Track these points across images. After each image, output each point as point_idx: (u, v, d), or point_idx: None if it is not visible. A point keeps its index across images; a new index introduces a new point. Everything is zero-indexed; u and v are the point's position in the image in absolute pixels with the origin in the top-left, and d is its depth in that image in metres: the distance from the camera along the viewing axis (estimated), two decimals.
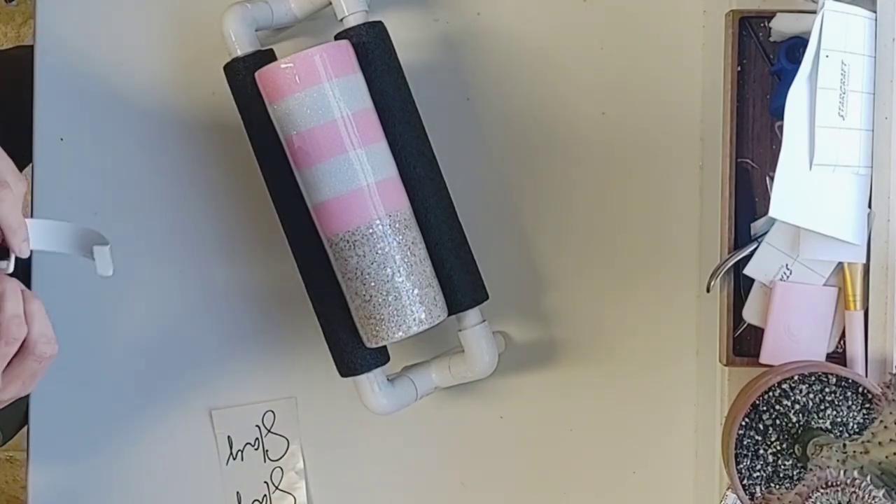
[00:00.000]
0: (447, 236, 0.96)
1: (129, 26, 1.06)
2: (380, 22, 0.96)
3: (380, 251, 0.91)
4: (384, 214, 0.91)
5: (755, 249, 0.95)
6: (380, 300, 0.91)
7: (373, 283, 0.91)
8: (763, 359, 0.95)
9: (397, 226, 0.92)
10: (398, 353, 1.01)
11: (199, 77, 1.05)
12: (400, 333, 0.92)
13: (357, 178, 0.91)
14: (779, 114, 0.90)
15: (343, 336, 0.96)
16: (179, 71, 1.06)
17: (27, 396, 0.91)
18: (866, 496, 0.63)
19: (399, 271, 0.91)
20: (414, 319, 0.92)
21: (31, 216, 1.06)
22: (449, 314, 0.96)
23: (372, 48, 0.95)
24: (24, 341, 0.75)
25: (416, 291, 0.92)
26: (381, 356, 0.97)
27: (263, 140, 0.96)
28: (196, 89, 1.05)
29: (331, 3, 0.97)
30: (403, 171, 0.95)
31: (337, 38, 0.96)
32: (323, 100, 0.90)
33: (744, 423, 0.88)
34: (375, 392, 0.97)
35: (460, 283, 0.96)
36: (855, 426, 0.88)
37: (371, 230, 0.91)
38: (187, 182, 1.06)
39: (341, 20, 0.96)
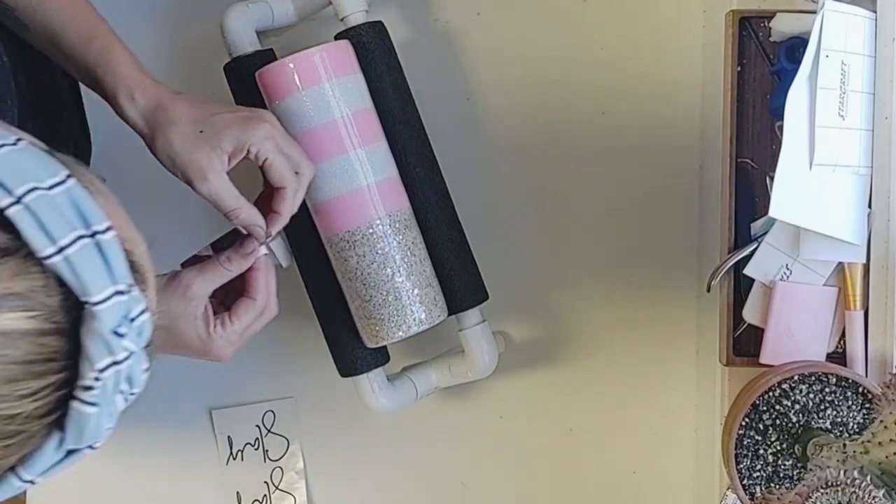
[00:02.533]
0: (447, 236, 0.96)
1: (129, 26, 1.06)
2: (380, 22, 0.96)
3: (380, 251, 0.91)
4: (384, 214, 0.91)
5: (755, 249, 0.95)
6: (380, 300, 0.91)
7: (373, 283, 0.91)
8: (763, 359, 0.95)
9: (397, 226, 0.92)
10: (398, 352, 1.01)
11: (199, 77, 1.05)
12: (400, 333, 0.92)
13: (357, 178, 0.91)
14: (779, 114, 0.90)
15: (343, 336, 0.96)
16: (179, 71, 1.06)
17: None
18: (866, 496, 0.63)
19: (399, 271, 0.91)
20: (414, 319, 0.92)
21: None
22: (449, 314, 0.96)
23: (372, 48, 0.95)
24: None
25: (416, 291, 0.92)
26: (381, 356, 0.97)
27: None
28: (196, 89, 1.05)
29: (331, 3, 0.97)
30: (403, 171, 0.95)
31: (337, 38, 0.96)
32: (323, 100, 0.90)
33: (744, 423, 0.88)
34: (375, 392, 0.97)
35: (460, 283, 0.96)
36: (855, 426, 0.88)
37: (371, 230, 0.91)
38: None
39: (341, 20, 0.96)
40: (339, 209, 0.91)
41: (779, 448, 0.88)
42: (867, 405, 0.88)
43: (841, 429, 0.88)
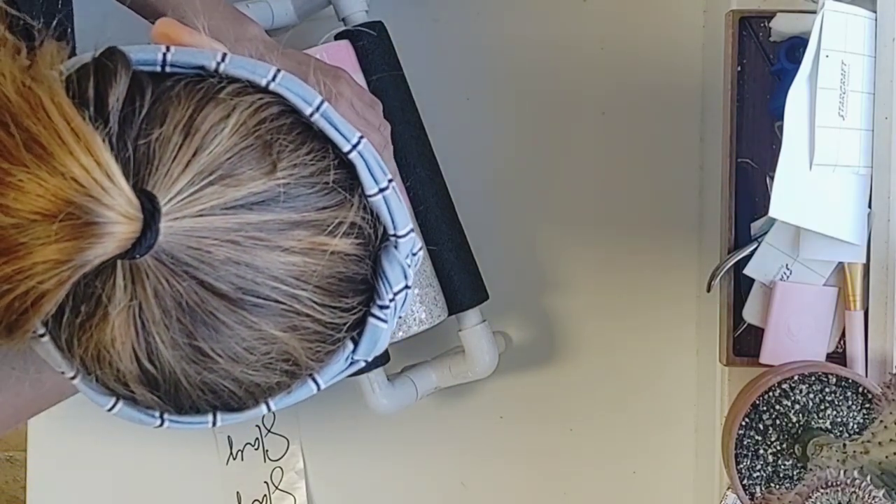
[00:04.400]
0: (447, 236, 0.96)
1: (130, 27, 1.06)
2: (380, 22, 0.96)
3: None
4: None
5: (755, 249, 0.95)
6: None
7: None
8: (763, 359, 0.94)
9: None
10: (398, 352, 1.01)
11: None
12: (400, 334, 0.92)
13: None
14: (779, 114, 0.90)
15: None
16: None
17: None
18: (866, 496, 0.63)
19: None
20: (414, 319, 0.92)
21: None
22: (449, 314, 0.96)
23: (372, 48, 0.95)
24: None
25: (415, 291, 0.92)
26: (381, 356, 0.97)
27: None
28: None
29: (331, 4, 0.97)
30: (403, 171, 0.95)
31: (337, 38, 0.96)
32: None
33: (744, 423, 0.88)
34: (376, 392, 0.97)
35: (460, 283, 0.96)
36: (855, 426, 0.88)
37: None
38: None
39: (342, 20, 0.96)
40: None
41: (779, 448, 0.88)
42: (867, 405, 0.88)
43: (841, 429, 0.88)
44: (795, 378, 0.88)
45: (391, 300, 0.59)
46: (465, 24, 1.07)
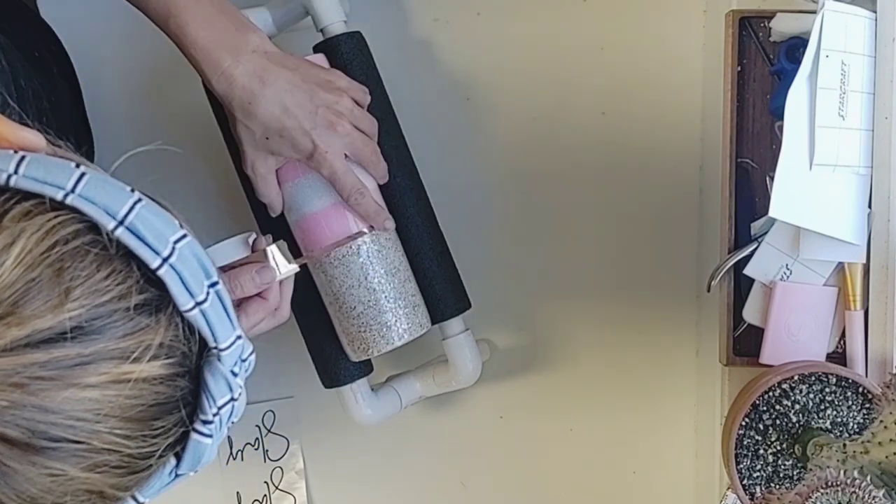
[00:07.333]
0: (429, 246, 0.95)
1: (126, 30, 1.06)
2: (358, 32, 0.94)
3: (362, 264, 0.90)
4: (365, 226, 0.90)
5: (755, 249, 0.95)
6: (362, 313, 0.90)
7: (355, 296, 0.90)
8: (763, 359, 0.95)
9: (378, 237, 0.90)
10: (382, 362, 1.00)
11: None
12: (384, 346, 0.91)
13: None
14: (779, 114, 0.90)
15: (326, 347, 0.95)
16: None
17: None
18: (866, 496, 0.63)
19: (381, 283, 0.90)
20: (397, 333, 0.90)
21: None
22: (432, 324, 0.95)
23: (350, 59, 0.93)
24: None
25: (399, 303, 0.90)
26: (364, 366, 0.96)
27: None
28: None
29: (309, 15, 0.95)
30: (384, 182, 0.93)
31: (315, 49, 0.95)
32: None
33: (744, 423, 0.88)
34: (359, 403, 0.96)
35: (442, 293, 0.95)
36: (855, 426, 0.88)
37: (353, 243, 0.90)
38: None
39: (320, 31, 0.95)
40: (320, 223, 0.89)
41: (779, 448, 0.88)
42: (867, 405, 0.88)
43: (841, 429, 0.88)
44: (795, 378, 0.88)
45: (215, 415, 0.56)
46: (465, 24, 1.07)
